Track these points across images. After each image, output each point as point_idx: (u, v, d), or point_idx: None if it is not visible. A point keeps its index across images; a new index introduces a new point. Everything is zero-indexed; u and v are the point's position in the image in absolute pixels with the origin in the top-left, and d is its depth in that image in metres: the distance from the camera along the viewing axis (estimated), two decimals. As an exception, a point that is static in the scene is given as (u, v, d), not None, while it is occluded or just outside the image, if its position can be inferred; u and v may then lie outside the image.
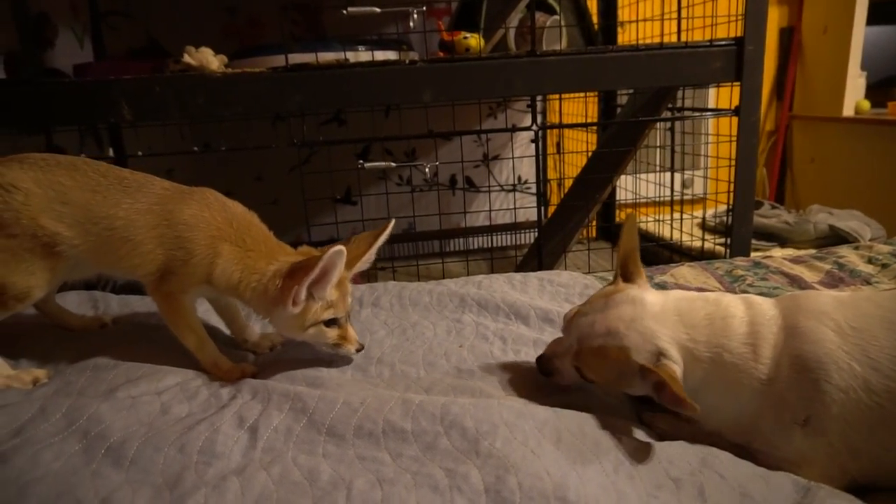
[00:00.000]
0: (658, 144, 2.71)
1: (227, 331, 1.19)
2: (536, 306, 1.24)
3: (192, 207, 0.99)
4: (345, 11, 1.64)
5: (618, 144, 2.09)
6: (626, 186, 2.81)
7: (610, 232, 2.88)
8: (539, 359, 0.97)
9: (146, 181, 1.03)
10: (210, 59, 1.54)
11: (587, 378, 0.88)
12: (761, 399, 0.80)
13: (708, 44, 1.69)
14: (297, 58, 1.56)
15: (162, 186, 1.03)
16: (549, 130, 2.92)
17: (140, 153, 1.67)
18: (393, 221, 1.07)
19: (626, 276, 0.93)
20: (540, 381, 0.99)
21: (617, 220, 2.94)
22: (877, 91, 3.06)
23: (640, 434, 0.84)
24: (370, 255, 1.06)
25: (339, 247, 0.90)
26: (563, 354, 0.91)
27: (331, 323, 0.99)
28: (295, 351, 1.12)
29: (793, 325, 0.81)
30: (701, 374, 0.82)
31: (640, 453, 0.77)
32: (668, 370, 0.78)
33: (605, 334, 0.84)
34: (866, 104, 2.97)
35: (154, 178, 1.05)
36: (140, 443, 0.79)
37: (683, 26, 1.94)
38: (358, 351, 1.04)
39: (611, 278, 1.45)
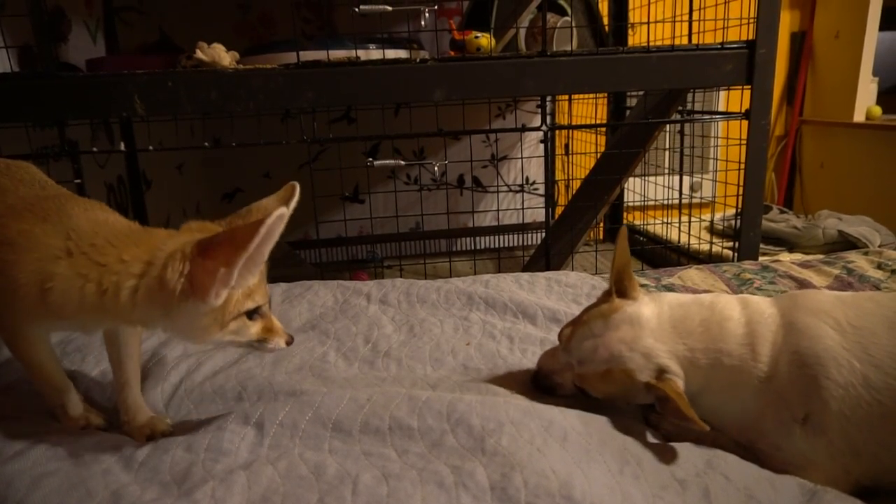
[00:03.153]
0: (667, 147, 2.71)
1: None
2: (544, 306, 1.24)
3: (24, 223, 0.77)
4: (356, 9, 1.65)
5: (627, 146, 2.09)
6: (635, 189, 2.81)
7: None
8: (535, 376, 0.96)
9: (10, 188, 0.86)
10: (222, 55, 1.54)
11: (591, 395, 0.90)
12: (762, 397, 0.80)
13: (719, 46, 1.69)
14: (308, 55, 1.57)
15: (21, 196, 0.84)
16: (556, 132, 2.92)
17: (151, 147, 1.68)
18: (297, 186, 0.82)
19: (621, 290, 0.92)
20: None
21: (624, 221, 2.93)
22: (888, 97, 3.05)
23: (645, 435, 0.84)
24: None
25: (283, 209, 0.69)
26: (562, 370, 0.91)
27: (252, 314, 0.78)
28: (297, 347, 1.12)
29: (791, 322, 0.81)
30: (701, 380, 0.83)
31: (646, 454, 0.77)
32: (671, 385, 0.80)
33: (609, 359, 0.85)
34: (878, 110, 2.96)
35: (27, 185, 0.88)
36: (149, 447, 0.80)
37: (695, 28, 1.94)
38: (288, 344, 0.83)
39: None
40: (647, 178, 2.69)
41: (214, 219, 0.83)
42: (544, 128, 1.83)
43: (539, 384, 0.95)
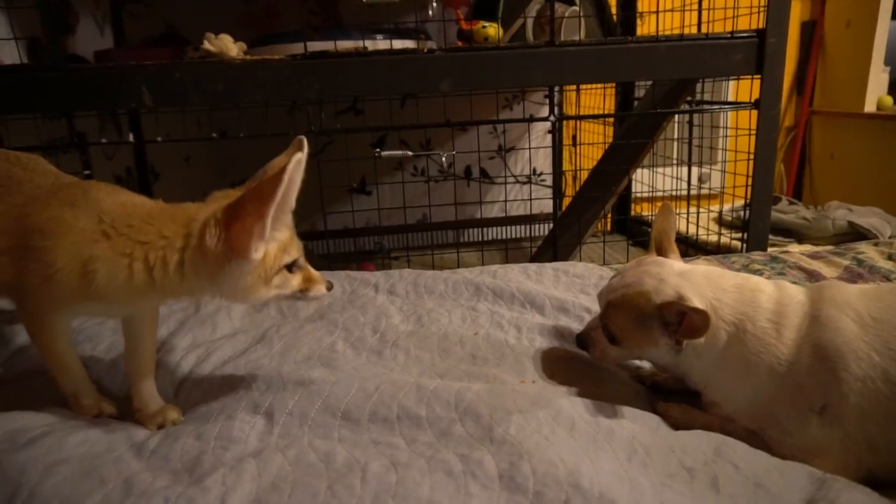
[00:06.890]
0: (675, 137, 2.69)
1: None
2: (551, 296, 1.24)
3: (52, 209, 0.79)
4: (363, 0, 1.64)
5: (635, 137, 2.08)
6: (643, 180, 2.79)
7: (625, 225, 2.86)
8: (578, 335, 1.00)
9: (26, 178, 0.87)
10: (229, 46, 1.54)
11: (613, 337, 0.91)
12: (779, 383, 0.80)
13: (729, 36, 1.67)
14: (315, 46, 1.57)
15: (38, 184, 0.85)
16: (564, 122, 2.91)
17: (159, 139, 1.68)
18: (305, 139, 0.84)
19: (661, 252, 0.97)
20: (554, 369, 0.99)
21: (632, 213, 2.92)
22: (900, 87, 3.01)
23: (653, 423, 0.84)
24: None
25: (299, 154, 0.73)
26: (596, 326, 0.95)
27: (291, 267, 0.83)
28: (305, 337, 1.12)
29: (816, 313, 0.81)
30: (725, 337, 0.83)
31: (654, 442, 0.77)
32: (687, 301, 0.81)
33: (628, 285, 0.88)
34: (889, 100, 2.93)
35: (41, 174, 0.89)
36: (160, 436, 0.81)
37: (704, 18, 1.92)
38: (328, 289, 0.87)
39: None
40: (655, 168, 2.68)
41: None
42: (552, 118, 1.82)
43: (580, 342, 0.99)
